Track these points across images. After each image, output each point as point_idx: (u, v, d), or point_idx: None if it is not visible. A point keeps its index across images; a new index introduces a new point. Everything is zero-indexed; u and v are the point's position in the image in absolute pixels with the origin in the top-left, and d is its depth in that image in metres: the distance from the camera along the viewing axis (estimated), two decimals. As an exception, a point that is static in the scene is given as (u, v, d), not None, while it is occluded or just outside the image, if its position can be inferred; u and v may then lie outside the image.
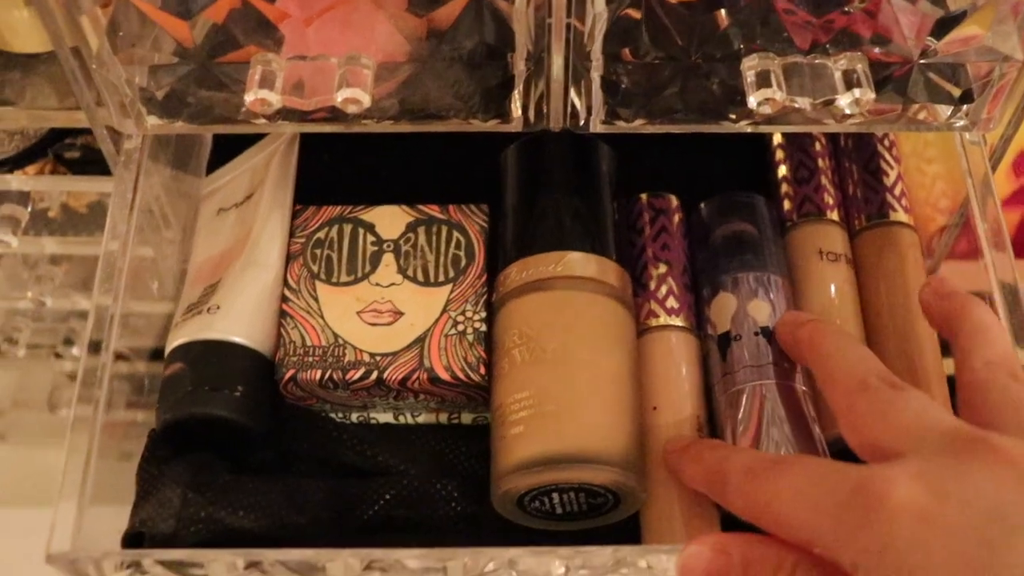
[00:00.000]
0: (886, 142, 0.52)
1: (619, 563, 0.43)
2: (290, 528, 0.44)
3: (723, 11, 0.43)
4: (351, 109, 0.42)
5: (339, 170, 0.53)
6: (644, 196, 0.51)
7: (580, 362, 0.44)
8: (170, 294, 0.53)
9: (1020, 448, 0.33)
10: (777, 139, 0.54)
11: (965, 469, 0.33)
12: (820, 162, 0.52)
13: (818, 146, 0.53)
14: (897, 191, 0.51)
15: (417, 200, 0.50)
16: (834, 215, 0.51)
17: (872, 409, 0.38)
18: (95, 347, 0.44)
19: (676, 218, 0.51)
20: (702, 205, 0.51)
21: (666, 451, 0.44)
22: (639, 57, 0.44)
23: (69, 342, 0.66)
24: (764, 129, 0.47)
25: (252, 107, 0.42)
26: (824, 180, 0.51)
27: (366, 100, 0.42)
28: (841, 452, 0.43)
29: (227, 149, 0.56)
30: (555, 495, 0.43)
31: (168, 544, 0.43)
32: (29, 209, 0.57)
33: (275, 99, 0.42)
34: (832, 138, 0.54)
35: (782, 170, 0.52)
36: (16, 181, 0.55)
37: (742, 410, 0.44)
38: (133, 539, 0.44)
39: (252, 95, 0.42)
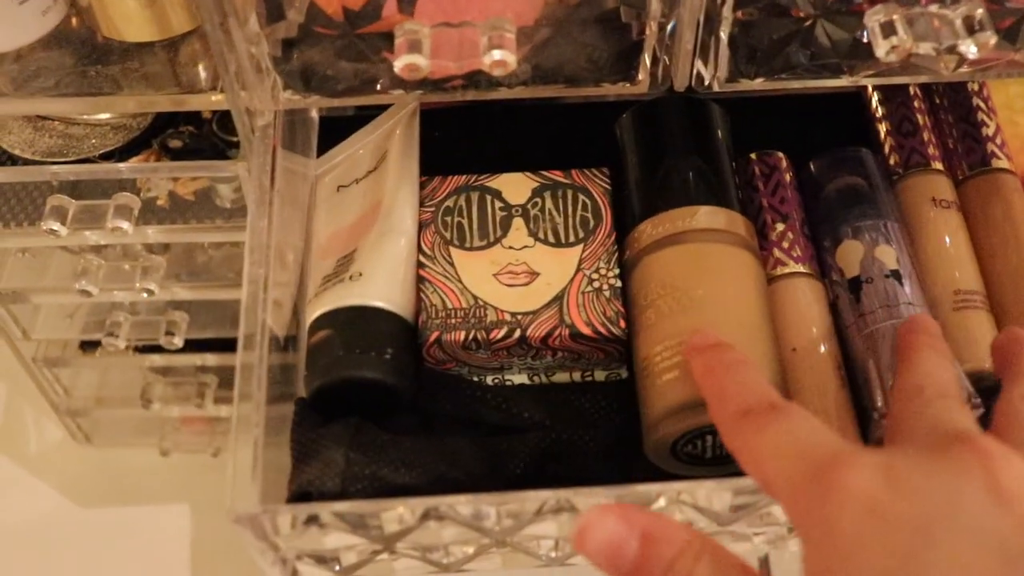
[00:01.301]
0: (983, 95, 0.54)
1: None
2: (448, 483, 0.45)
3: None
4: (499, 72, 0.43)
5: (455, 143, 0.55)
6: (754, 155, 0.53)
7: (724, 307, 0.45)
8: (288, 275, 0.53)
9: (1006, 456, 0.32)
10: (877, 95, 0.55)
11: (936, 467, 0.32)
12: (921, 116, 0.54)
13: (917, 102, 0.55)
14: (998, 140, 0.53)
15: (531, 168, 0.52)
16: (939, 165, 0.52)
17: (909, 413, 0.38)
18: (249, 339, 0.44)
19: (788, 174, 0.52)
20: (811, 162, 0.53)
21: (690, 343, 0.43)
22: (764, 15, 0.45)
23: (170, 333, 0.67)
24: (878, 81, 0.49)
25: (402, 73, 0.43)
26: (927, 133, 0.53)
27: (513, 62, 0.43)
28: (986, 390, 0.45)
29: (333, 132, 0.57)
30: (708, 437, 0.44)
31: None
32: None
33: (424, 64, 0.43)
34: (928, 96, 0.56)
35: (885, 125, 0.54)
36: (131, 170, 0.56)
37: (884, 349, 0.46)
38: (299, 499, 0.45)
39: (402, 61, 0.43)
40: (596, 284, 0.48)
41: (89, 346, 0.74)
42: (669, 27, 0.45)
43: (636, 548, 0.35)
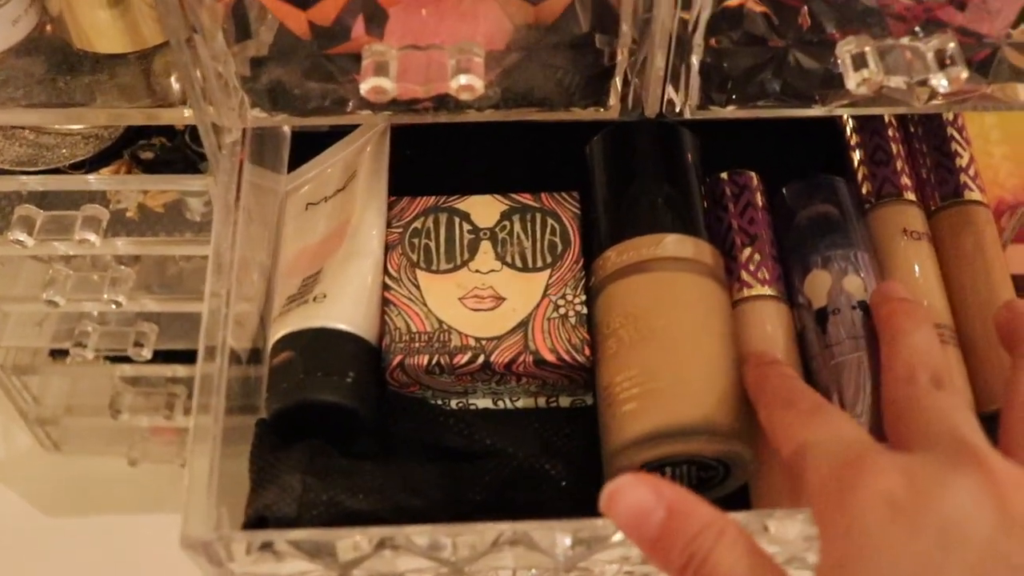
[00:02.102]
0: (957, 125, 0.54)
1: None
2: (407, 511, 0.45)
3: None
4: (465, 96, 0.43)
5: (425, 162, 0.54)
6: (725, 174, 0.53)
7: (685, 339, 0.45)
8: (254, 290, 0.53)
9: (1013, 476, 0.34)
10: (851, 123, 0.55)
11: (951, 478, 0.34)
12: (895, 146, 0.54)
13: (891, 131, 0.54)
14: (971, 171, 0.52)
15: (501, 189, 0.51)
16: (911, 196, 0.52)
17: (908, 404, 0.40)
18: (210, 352, 0.44)
19: (758, 194, 0.52)
20: (784, 189, 0.52)
21: (747, 357, 0.46)
22: (737, 43, 0.45)
23: (139, 345, 0.66)
24: (851, 111, 0.48)
25: (368, 95, 0.43)
26: (900, 163, 0.53)
27: (480, 87, 0.43)
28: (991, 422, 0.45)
29: (305, 146, 0.56)
30: (667, 469, 0.44)
31: (291, 528, 0.43)
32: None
33: (390, 87, 0.43)
34: (903, 124, 0.55)
35: (859, 153, 0.54)
36: (100, 182, 0.55)
37: (848, 382, 0.45)
38: (255, 524, 0.44)
39: (368, 84, 0.42)
40: (562, 310, 0.48)
41: (59, 354, 0.73)
42: (640, 54, 0.45)
43: (661, 518, 0.36)
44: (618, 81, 0.46)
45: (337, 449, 0.46)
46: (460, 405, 0.49)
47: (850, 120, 0.55)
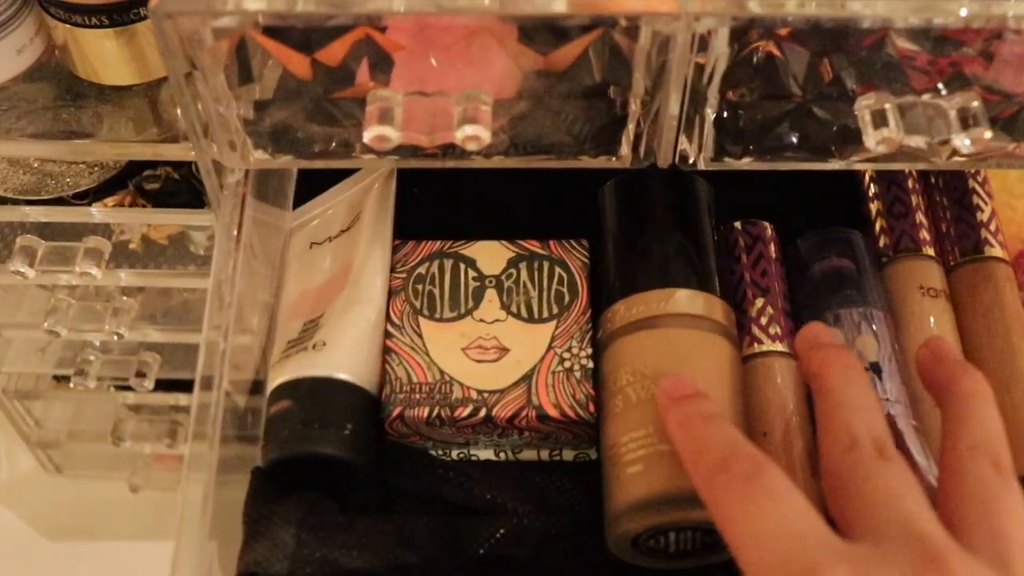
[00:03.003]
0: (979, 178, 0.53)
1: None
2: (403, 568, 0.44)
3: (840, 52, 0.43)
4: (471, 146, 0.42)
5: (431, 203, 0.53)
6: (739, 224, 0.51)
7: (695, 400, 0.43)
8: (257, 326, 0.52)
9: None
10: (870, 174, 0.54)
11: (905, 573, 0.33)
12: (914, 198, 0.52)
13: (911, 182, 0.53)
14: (992, 227, 0.51)
15: (510, 235, 0.50)
16: (930, 251, 0.51)
17: (852, 476, 0.37)
18: (207, 383, 0.44)
19: (772, 246, 0.51)
20: (798, 240, 0.51)
21: (663, 388, 0.41)
22: (754, 96, 0.44)
23: (141, 375, 0.65)
24: (870, 167, 0.47)
25: (372, 143, 0.42)
26: (919, 216, 0.52)
27: (487, 137, 0.42)
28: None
29: (311, 183, 0.56)
30: (671, 534, 0.42)
31: (283, 584, 0.42)
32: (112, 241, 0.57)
33: (395, 135, 0.42)
34: (923, 175, 0.54)
35: (876, 205, 0.53)
36: (104, 214, 0.54)
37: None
38: (246, 578, 0.43)
39: (372, 131, 0.42)
40: (567, 364, 0.46)
41: (63, 379, 0.73)
42: (653, 104, 0.44)
43: None
44: (630, 130, 0.45)
45: (334, 500, 0.45)
46: (461, 455, 0.48)
47: (868, 171, 0.54)
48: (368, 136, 0.42)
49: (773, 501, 0.35)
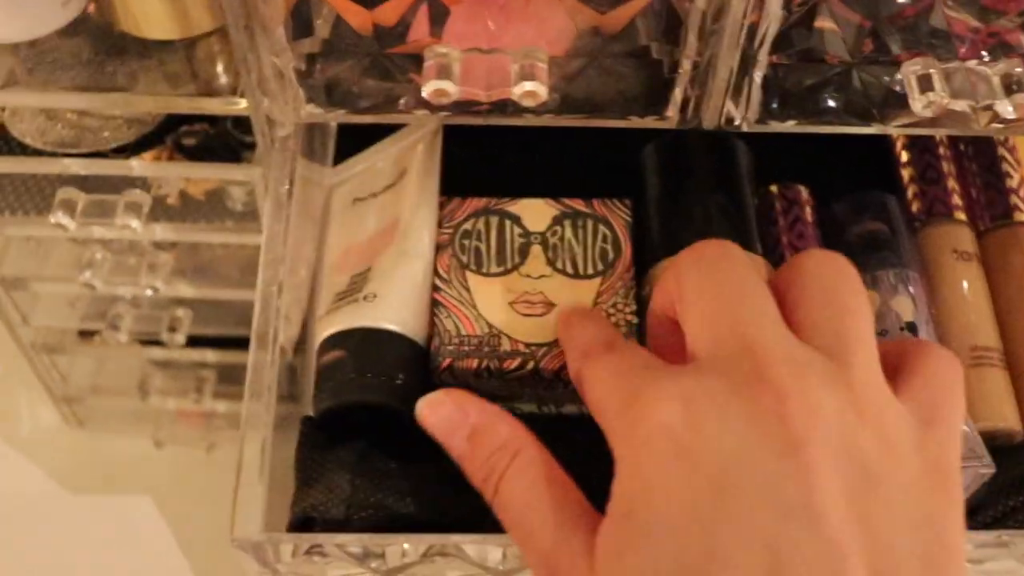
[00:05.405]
0: (1008, 145, 0.54)
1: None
2: (453, 516, 0.44)
3: (887, 17, 0.44)
4: (528, 103, 0.43)
5: (473, 160, 0.54)
6: (775, 187, 0.52)
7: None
8: (300, 282, 0.53)
9: (801, 393, 0.31)
10: (902, 140, 0.55)
11: (731, 409, 0.31)
12: (946, 165, 0.53)
13: (942, 149, 0.54)
14: (1022, 193, 0.52)
15: (548, 192, 0.51)
16: (962, 216, 0.52)
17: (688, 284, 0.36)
18: (263, 339, 0.44)
19: (808, 209, 0.52)
20: (833, 204, 0.52)
21: (563, 314, 0.44)
22: (801, 60, 0.45)
23: (172, 329, 0.66)
24: (909, 131, 0.48)
25: (430, 97, 0.42)
26: (951, 182, 0.53)
27: (543, 94, 0.42)
28: (1000, 449, 0.45)
29: (351, 139, 0.56)
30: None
31: (339, 529, 0.43)
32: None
33: (453, 90, 0.42)
34: (953, 142, 0.55)
35: (909, 171, 0.54)
36: (145, 167, 0.55)
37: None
38: (301, 523, 0.44)
39: (431, 86, 0.42)
40: (612, 319, 0.47)
41: (88, 334, 0.73)
42: (704, 66, 0.45)
43: (465, 435, 0.38)
44: (679, 92, 0.46)
45: (383, 451, 0.46)
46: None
47: (900, 136, 0.55)
48: (427, 90, 0.42)
49: (621, 354, 0.37)
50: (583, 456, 0.48)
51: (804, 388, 0.31)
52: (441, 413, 0.39)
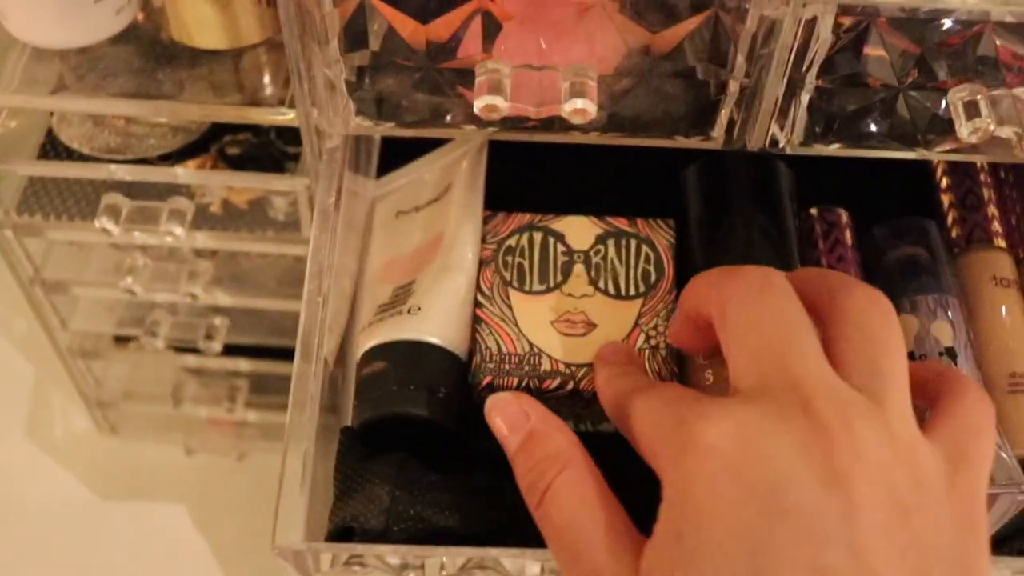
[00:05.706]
0: (1048, 173, 0.54)
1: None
2: (493, 529, 0.45)
3: (935, 44, 0.44)
4: (577, 120, 0.43)
5: (516, 176, 0.54)
6: (815, 210, 0.53)
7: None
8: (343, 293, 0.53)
9: (846, 429, 0.32)
10: (943, 166, 0.55)
11: (779, 429, 0.32)
12: (986, 191, 0.54)
13: (983, 176, 0.54)
14: (1062, 221, 0.53)
15: (590, 210, 0.51)
16: (1002, 243, 0.52)
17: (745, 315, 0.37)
18: (307, 351, 0.45)
19: (848, 232, 0.52)
20: (873, 228, 0.52)
21: (599, 354, 0.45)
22: (848, 83, 0.45)
23: (209, 337, 0.66)
24: (951, 157, 0.48)
25: (481, 113, 0.43)
26: (992, 208, 0.53)
27: (593, 111, 0.43)
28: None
29: (393, 152, 0.57)
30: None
31: (377, 540, 0.43)
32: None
33: (504, 105, 0.43)
34: (994, 169, 0.55)
35: (949, 196, 0.54)
36: (190, 175, 0.55)
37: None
38: (340, 533, 0.44)
39: (482, 101, 0.43)
40: (653, 342, 0.47)
41: (123, 340, 0.73)
42: (752, 88, 0.45)
43: (521, 438, 0.39)
44: (725, 113, 0.46)
45: (423, 463, 0.46)
46: (542, 424, 0.49)
47: (941, 162, 0.55)
48: (479, 105, 0.43)
49: (664, 389, 0.38)
50: (615, 474, 0.48)
51: (847, 424, 0.32)
52: (506, 411, 0.40)
